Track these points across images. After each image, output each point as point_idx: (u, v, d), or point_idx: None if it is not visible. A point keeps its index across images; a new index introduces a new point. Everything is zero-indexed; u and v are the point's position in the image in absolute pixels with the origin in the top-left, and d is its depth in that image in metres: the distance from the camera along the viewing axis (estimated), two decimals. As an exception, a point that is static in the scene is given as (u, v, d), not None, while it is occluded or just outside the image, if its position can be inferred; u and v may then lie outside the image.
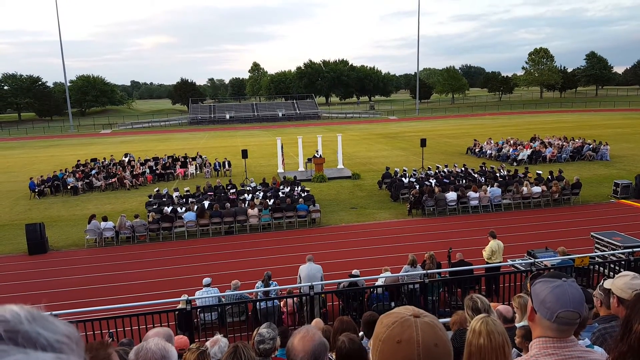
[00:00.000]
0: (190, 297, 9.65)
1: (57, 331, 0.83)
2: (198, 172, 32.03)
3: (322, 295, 10.53)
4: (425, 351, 1.32)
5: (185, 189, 22.94)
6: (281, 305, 10.58)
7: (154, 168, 31.21)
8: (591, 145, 32.33)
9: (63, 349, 0.82)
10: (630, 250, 10.68)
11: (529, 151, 31.65)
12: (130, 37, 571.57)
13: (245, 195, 21.27)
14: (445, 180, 22.61)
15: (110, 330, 8.41)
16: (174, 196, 21.89)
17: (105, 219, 18.01)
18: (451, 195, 19.81)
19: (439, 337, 1.35)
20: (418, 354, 1.31)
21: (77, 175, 28.60)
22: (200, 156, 33.92)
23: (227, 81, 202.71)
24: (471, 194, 19.93)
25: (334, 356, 3.93)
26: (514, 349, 3.81)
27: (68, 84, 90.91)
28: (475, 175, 23.79)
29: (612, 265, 10.84)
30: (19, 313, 0.81)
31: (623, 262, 10.52)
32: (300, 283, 10.98)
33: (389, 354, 1.36)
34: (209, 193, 21.90)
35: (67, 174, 28.98)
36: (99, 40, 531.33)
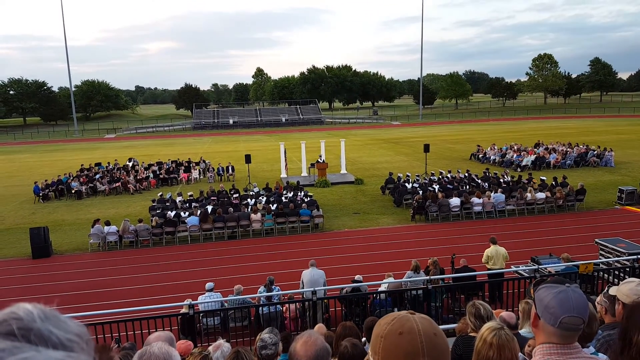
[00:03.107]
0: (193, 302, 9.65)
1: (68, 330, 0.86)
2: (201, 176, 32.06)
3: (325, 300, 10.52)
4: (427, 338, 1.38)
5: (189, 193, 22.96)
6: (284, 310, 10.56)
7: (158, 173, 31.29)
8: (595, 152, 32.23)
9: (74, 347, 0.84)
10: (635, 256, 10.62)
11: (532, 157, 31.57)
12: (136, 42, 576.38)
13: (248, 200, 21.29)
14: (448, 185, 22.57)
15: (114, 336, 8.41)
16: (177, 201, 21.92)
17: (108, 223, 18.04)
18: (454, 201, 19.77)
19: (437, 328, 1.43)
20: (421, 341, 1.37)
21: (81, 180, 28.69)
22: (204, 161, 33.98)
23: (230, 86, 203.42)
24: (475, 199, 19.89)
25: (336, 361, 3.92)
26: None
27: (73, 89, 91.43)
28: (479, 181, 23.75)
29: (616, 272, 10.77)
30: (32, 311, 0.84)
31: (628, 269, 10.46)
32: (303, 288, 10.96)
33: (393, 346, 1.41)
34: (212, 198, 21.92)
35: (72, 178, 29.08)
36: (105, 45, 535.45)
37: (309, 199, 21.05)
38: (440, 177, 25.00)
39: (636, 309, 1.79)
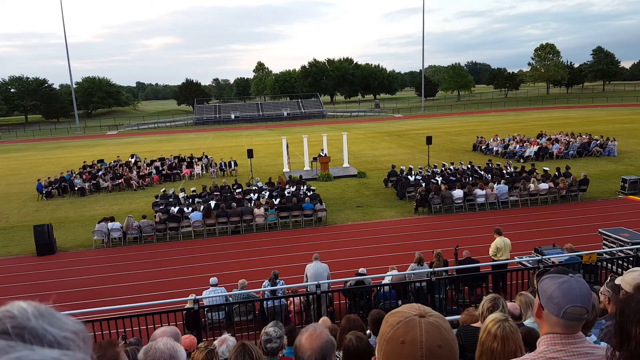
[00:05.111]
0: (197, 297, 9.69)
1: (64, 328, 0.84)
2: (204, 172, 32.12)
3: (329, 293, 10.54)
4: (429, 353, 1.31)
5: (192, 189, 22.99)
6: (288, 304, 10.60)
7: (160, 169, 31.32)
8: (598, 141, 32.13)
9: (70, 345, 0.83)
10: (639, 246, 10.61)
11: (535, 148, 31.48)
12: (137, 38, 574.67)
13: (251, 194, 21.31)
14: (451, 177, 22.55)
15: (120, 331, 8.45)
16: (180, 196, 21.96)
17: (112, 220, 18.09)
18: (457, 193, 19.75)
19: (444, 338, 1.34)
20: (421, 356, 1.31)
21: (84, 177, 28.75)
22: (206, 156, 34.02)
23: (232, 81, 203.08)
24: (478, 191, 19.86)
25: (341, 354, 3.94)
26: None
27: (74, 86, 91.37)
28: (482, 173, 23.71)
29: (620, 262, 10.77)
30: (26, 309, 0.82)
31: (631, 258, 10.46)
32: (307, 282, 10.99)
33: (393, 354, 1.36)
34: (215, 193, 21.95)
35: (74, 175, 29.14)
36: (105, 41, 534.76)
37: (311, 192, 21.06)
38: (443, 169, 24.99)
39: (628, 303, 1.77)
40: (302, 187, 22.27)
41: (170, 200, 21.34)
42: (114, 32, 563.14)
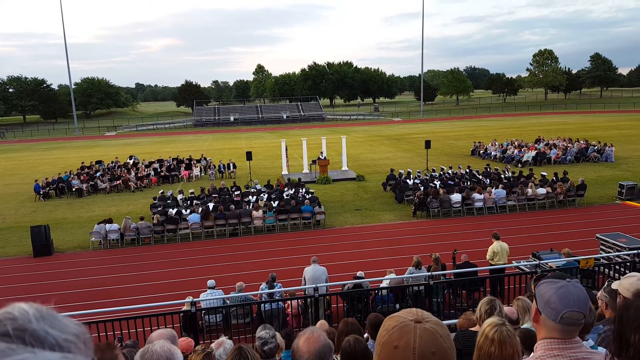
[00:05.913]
0: (195, 299, 9.67)
1: (65, 330, 0.84)
2: (202, 174, 32.08)
3: (327, 297, 10.53)
4: (421, 359, 1.30)
5: (190, 191, 22.97)
6: (285, 307, 10.58)
7: (159, 170, 31.28)
8: (596, 147, 32.21)
9: (71, 348, 0.82)
10: (636, 251, 10.63)
11: (533, 153, 31.55)
12: (136, 39, 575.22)
13: (250, 197, 21.30)
14: (449, 181, 22.57)
15: (117, 333, 8.43)
16: (178, 198, 21.92)
17: (110, 221, 18.04)
18: (456, 197, 19.77)
19: (438, 345, 1.33)
20: None
21: (82, 178, 28.70)
22: (205, 158, 33.98)
23: (231, 83, 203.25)
24: (476, 195, 19.89)
25: (338, 358, 3.93)
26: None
27: (73, 87, 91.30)
28: (480, 177, 23.74)
29: (617, 267, 10.79)
30: (27, 311, 0.82)
31: (628, 264, 10.48)
32: (305, 285, 10.98)
33: (386, 358, 1.36)
34: (213, 195, 21.93)
35: (72, 176, 29.10)
36: (105, 42, 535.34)
37: (310, 195, 21.05)
38: (441, 173, 25.02)
39: (627, 310, 1.77)
40: (300, 190, 22.27)
41: (168, 202, 21.30)
42: (113, 33, 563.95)
